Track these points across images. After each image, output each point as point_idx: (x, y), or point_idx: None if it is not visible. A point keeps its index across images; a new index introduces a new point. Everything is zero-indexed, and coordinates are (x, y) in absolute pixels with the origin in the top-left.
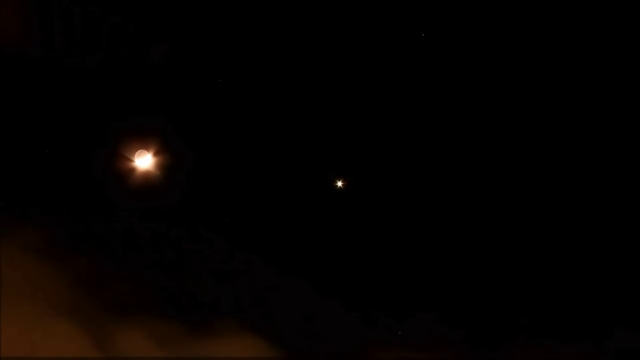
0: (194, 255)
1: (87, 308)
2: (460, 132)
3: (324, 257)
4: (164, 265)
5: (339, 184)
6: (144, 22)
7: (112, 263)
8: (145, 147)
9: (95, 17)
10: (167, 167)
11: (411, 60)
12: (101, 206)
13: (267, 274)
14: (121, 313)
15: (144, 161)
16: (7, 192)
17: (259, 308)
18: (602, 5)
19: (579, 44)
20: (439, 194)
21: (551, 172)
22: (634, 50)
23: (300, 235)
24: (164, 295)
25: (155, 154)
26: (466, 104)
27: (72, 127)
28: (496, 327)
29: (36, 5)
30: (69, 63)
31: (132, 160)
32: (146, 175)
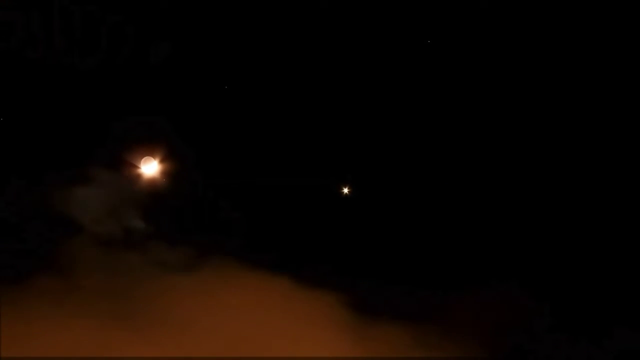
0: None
1: None
2: (466, 136)
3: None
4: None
5: (345, 190)
6: (144, 22)
7: None
8: (151, 154)
9: (95, 17)
10: (172, 172)
11: (417, 66)
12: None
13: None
14: None
15: (150, 167)
16: (9, 195)
17: None
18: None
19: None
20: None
21: (552, 170)
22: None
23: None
24: None
25: (161, 161)
26: (472, 109)
27: (78, 131)
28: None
29: (36, 5)
30: (68, 63)
31: (138, 167)
32: (152, 181)
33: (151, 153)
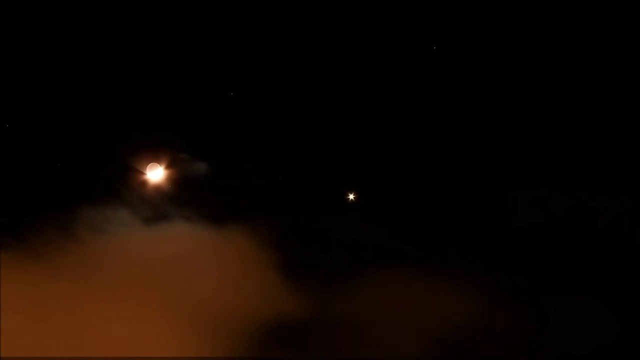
0: None
1: None
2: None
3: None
4: None
5: (351, 196)
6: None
7: None
8: (157, 160)
9: None
10: (178, 179)
11: (423, 72)
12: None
13: None
14: None
15: (156, 174)
16: (16, 202)
17: None
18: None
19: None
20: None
21: (556, 171)
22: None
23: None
24: None
25: (167, 167)
26: (479, 115)
27: (85, 139)
28: None
29: None
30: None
31: (144, 173)
32: (158, 187)
33: (157, 159)
